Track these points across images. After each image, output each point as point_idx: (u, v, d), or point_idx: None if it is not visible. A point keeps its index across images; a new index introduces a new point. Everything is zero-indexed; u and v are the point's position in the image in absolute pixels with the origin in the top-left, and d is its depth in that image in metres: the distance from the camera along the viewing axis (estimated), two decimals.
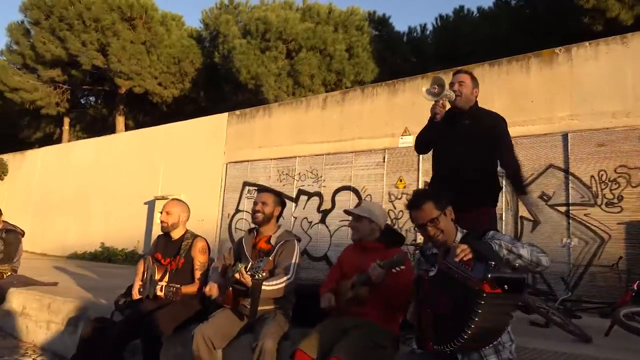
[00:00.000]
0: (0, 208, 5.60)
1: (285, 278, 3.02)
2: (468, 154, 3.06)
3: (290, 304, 3.23)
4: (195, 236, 3.63)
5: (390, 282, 2.58)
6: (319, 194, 9.80)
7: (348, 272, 2.87)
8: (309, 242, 9.67)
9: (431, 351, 2.06)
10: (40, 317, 4.57)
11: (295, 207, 10.06)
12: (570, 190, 6.89)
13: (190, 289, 3.40)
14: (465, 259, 1.91)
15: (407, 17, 56.43)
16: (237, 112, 11.64)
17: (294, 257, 3.14)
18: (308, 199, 9.94)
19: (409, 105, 8.75)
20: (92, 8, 15.85)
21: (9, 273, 5.23)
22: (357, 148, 9.44)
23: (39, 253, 14.42)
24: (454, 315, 1.92)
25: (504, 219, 7.38)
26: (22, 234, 5.52)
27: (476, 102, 3.25)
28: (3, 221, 5.52)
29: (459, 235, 2.29)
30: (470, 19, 15.90)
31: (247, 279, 2.89)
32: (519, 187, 3.24)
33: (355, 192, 9.31)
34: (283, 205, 3.40)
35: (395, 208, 8.70)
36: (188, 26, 19.35)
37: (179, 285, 3.33)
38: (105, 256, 12.37)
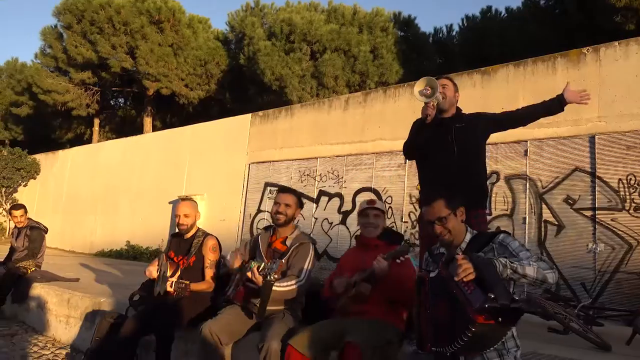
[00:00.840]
0: (25, 206, 5.74)
1: (295, 280, 3.02)
2: (456, 157, 3.09)
3: (300, 305, 3.22)
4: (206, 234, 3.66)
5: (393, 276, 2.57)
6: (339, 195, 9.77)
7: (350, 271, 2.85)
8: (329, 243, 9.65)
9: (430, 352, 2.03)
10: (60, 312, 4.69)
11: (316, 208, 10.06)
12: (596, 194, 6.68)
13: (200, 286, 3.43)
14: (465, 279, 1.88)
15: (433, 18, 55.93)
16: (260, 113, 11.72)
17: (308, 260, 3.13)
18: (329, 200, 9.93)
19: None
20: (122, 12, 16.22)
21: (33, 269, 5.38)
22: (378, 149, 9.38)
23: (67, 250, 14.82)
24: (451, 320, 1.89)
25: (527, 222, 7.21)
26: (46, 231, 5.68)
27: (459, 108, 3.33)
28: (28, 218, 5.69)
29: (469, 236, 2.28)
30: (498, 19, 15.62)
31: (259, 279, 2.90)
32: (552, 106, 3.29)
33: (376, 193, 9.24)
34: (302, 206, 3.41)
35: (416, 210, 8.60)
36: (214, 29, 19.58)
37: (188, 282, 3.36)
38: (131, 254, 12.62)
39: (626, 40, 6.90)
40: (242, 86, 17.33)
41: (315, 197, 10.14)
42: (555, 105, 3.26)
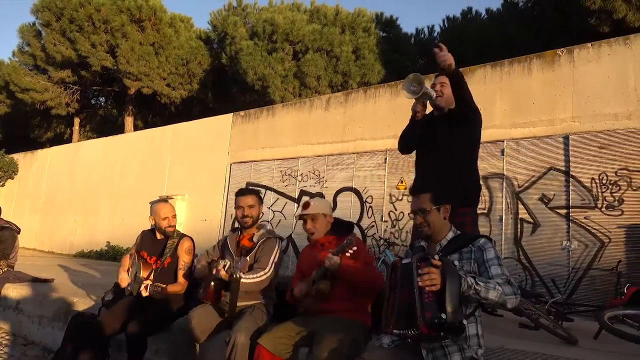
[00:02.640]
0: (0, 207, 5.66)
1: (262, 272, 3.07)
2: (445, 158, 3.09)
3: (271, 300, 3.25)
4: (181, 236, 3.66)
5: (348, 267, 2.60)
6: (320, 195, 9.79)
7: (308, 273, 2.88)
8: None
9: (390, 334, 2.08)
10: (33, 312, 4.63)
11: (297, 207, 10.07)
12: (570, 192, 6.81)
13: (175, 288, 3.43)
14: (427, 289, 1.93)
15: (415, 18, 56.31)
16: (242, 112, 11.70)
17: (274, 254, 3.19)
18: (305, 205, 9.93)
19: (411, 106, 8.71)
20: (102, 10, 16.02)
21: (5, 269, 5.30)
22: (359, 149, 9.43)
23: (46, 251, 14.60)
24: (410, 309, 1.93)
25: (503, 220, 7.32)
26: (18, 231, 5.60)
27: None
28: (0, 218, 5.61)
29: (451, 235, 2.31)
30: (478, 21, 15.81)
31: (225, 277, 2.93)
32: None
33: (357, 193, 9.29)
34: (262, 202, 3.45)
35: (396, 209, 8.67)
36: (197, 28, 19.47)
37: (164, 285, 3.36)
38: (111, 254, 12.49)
39: (598, 42, 7.05)
40: (225, 86, 17.25)
41: (296, 197, 10.15)
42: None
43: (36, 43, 17.95)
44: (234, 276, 2.85)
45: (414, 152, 3.46)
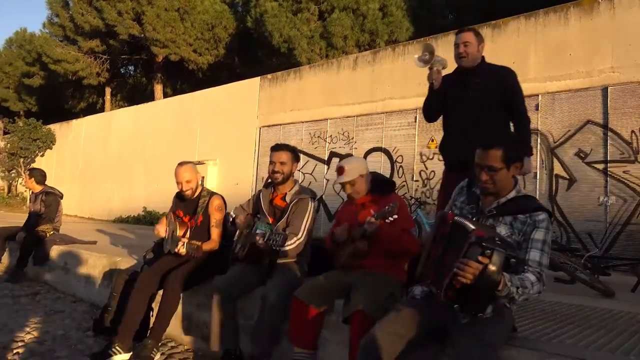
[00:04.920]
0: (38, 171, 5.89)
1: (295, 239, 3.08)
2: (479, 114, 3.02)
3: (305, 259, 3.30)
4: (211, 194, 3.73)
5: (385, 234, 2.61)
6: (350, 155, 9.76)
7: (349, 227, 2.89)
8: (340, 204, 9.71)
9: (427, 287, 2.07)
10: (79, 271, 4.87)
11: (327, 169, 10.10)
12: (608, 146, 6.60)
13: (209, 245, 3.52)
14: (459, 278, 1.79)
15: None
16: (269, 76, 11.65)
17: (306, 216, 3.18)
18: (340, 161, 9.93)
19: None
20: None
21: (52, 232, 5.56)
22: (388, 109, 9.31)
23: (87, 217, 15.17)
24: (442, 271, 1.90)
25: (538, 177, 7.18)
26: (61, 196, 5.83)
27: (483, 57, 3.18)
28: (44, 184, 5.85)
29: (513, 194, 2.10)
30: None
31: (262, 246, 2.98)
32: (525, 147, 3.08)
33: (387, 153, 9.24)
34: (298, 159, 3.42)
35: (426, 168, 8.60)
36: None
37: (200, 243, 3.45)
38: (148, 219, 12.89)
39: None
40: (251, 50, 17.15)
41: (326, 159, 10.17)
42: None
43: (64, 14, 18.15)
44: (273, 247, 2.89)
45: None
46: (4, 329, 3.67)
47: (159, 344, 3.25)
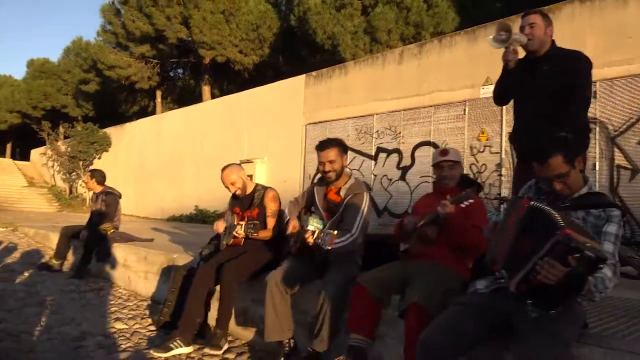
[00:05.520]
0: (97, 171, 6.17)
1: (348, 235, 3.04)
2: (547, 103, 2.89)
3: (359, 252, 3.28)
4: (265, 188, 3.78)
5: (457, 223, 2.55)
6: (398, 151, 9.68)
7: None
8: (389, 200, 9.65)
9: (495, 272, 1.98)
10: (139, 268, 5.06)
11: (375, 164, 10.04)
12: None
13: (264, 234, 3.57)
14: (540, 277, 1.71)
15: None
16: (314, 73, 11.69)
17: (361, 211, 3.13)
18: (387, 157, 9.87)
19: (491, 53, 8.23)
20: None
21: (112, 230, 5.81)
22: (436, 101, 9.14)
23: (142, 217, 15.75)
24: (529, 257, 1.79)
25: (597, 168, 6.85)
26: (120, 195, 6.08)
27: (553, 42, 3.02)
28: (104, 185, 6.12)
29: (585, 190, 2.05)
30: None
31: (312, 244, 2.98)
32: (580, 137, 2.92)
33: (435, 147, 9.07)
34: (346, 151, 3.35)
35: (477, 162, 8.39)
36: None
37: (257, 222, 3.50)
38: (200, 218, 13.25)
39: None
40: (295, 48, 17.28)
41: (373, 154, 10.11)
42: None
43: (116, 21, 18.89)
44: (323, 247, 2.88)
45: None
46: (72, 323, 3.86)
47: (227, 333, 3.35)
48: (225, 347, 3.33)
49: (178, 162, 15.46)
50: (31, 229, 8.70)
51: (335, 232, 2.99)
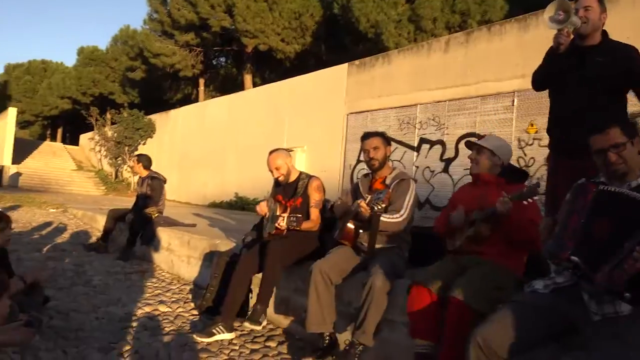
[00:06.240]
0: (143, 156, 6.30)
1: (397, 215, 3.02)
2: (595, 95, 2.71)
3: (407, 244, 3.21)
4: (310, 176, 3.74)
5: (516, 217, 2.41)
6: (441, 142, 9.46)
7: (465, 210, 2.73)
8: (431, 192, 9.46)
9: (566, 260, 1.85)
10: (182, 252, 5.13)
11: (417, 156, 9.85)
12: None
13: (307, 224, 3.53)
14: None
15: None
16: (357, 62, 11.54)
17: (409, 196, 3.11)
18: (430, 148, 9.66)
19: (543, 41, 7.88)
20: None
21: (157, 214, 5.92)
22: (482, 92, 8.85)
23: (183, 202, 16.09)
24: (609, 240, 1.71)
25: None
26: (165, 180, 6.19)
27: (605, 33, 2.83)
28: (150, 170, 6.24)
29: None
30: None
31: (366, 210, 2.93)
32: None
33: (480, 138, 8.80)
34: (390, 143, 3.36)
35: (525, 155, 8.09)
36: None
37: (300, 215, 3.47)
38: (239, 205, 13.40)
39: None
40: (337, 37, 17.13)
41: (415, 145, 9.91)
42: None
43: (162, 9, 19.22)
44: (375, 208, 2.81)
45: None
46: (118, 303, 3.95)
47: (266, 309, 3.36)
48: (264, 323, 3.35)
49: (220, 149, 15.66)
50: (79, 211, 9.01)
51: (390, 190, 2.94)
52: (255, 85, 19.64)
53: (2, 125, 19.19)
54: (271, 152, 3.82)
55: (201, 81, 22.12)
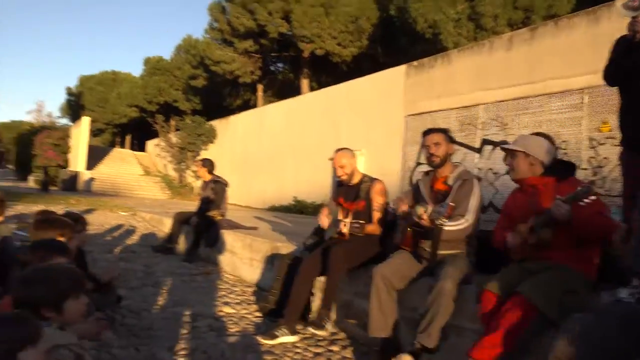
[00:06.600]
0: (206, 160, 6.49)
1: (463, 220, 2.91)
2: None
3: (473, 249, 3.10)
4: (373, 179, 3.70)
5: (581, 216, 2.28)
6: (505, 143, 9.09)
7: (518, 217, 2.60)
8: (495, 195, 9.14)
9: None
10: (244, 255, 5.24)
11: (480, 157, 9.56)
12: None
13: (371, 227, 3.50)
14: None
15: None
16: (415, 63, 11.38)
17: (474, 198, 2.98)
18: (493, 149, 9.34)
19: (615, 34, 7.43)
20: None
21: (219, 217, 6.08)
22: (549, 90, 8.45)
23: (243, 206, 16.46)
24: None
25: None
26: (227, 184, 6.35)
27: None
28: (213, 174, 6.43)
29: None
30: None
31: (426, 222, 2.86)
32: None
33: (548, 139, 8.39)
34: (452, 141, 3.24)
35: (598, 155, 7.64)
36: None
37: (363, 221, 3.45)
38: (298, 208, 13.54)
39: None
40: (394, 38, 16.98)
41: (477, 147, 9.62)
42: None
43: (222, 18, 19.81)
44: (437, 222, 2.74)
45: None
46: (185, 304, 4.08)
47: (330, 313, 3.37)
48: (329, 327, 3.35)
49: (278, 154, 15.91)
50: (148, 214, 9.43)
51: (452, 203, 2.84)
52: (312, 89, 19.81)
53: (77, 133, 20.45)
54: (338, 150, 3.82)
55: (259, 87, 22.60)
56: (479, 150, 9.56)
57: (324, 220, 3.66)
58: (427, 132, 3.25)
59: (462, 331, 2.71)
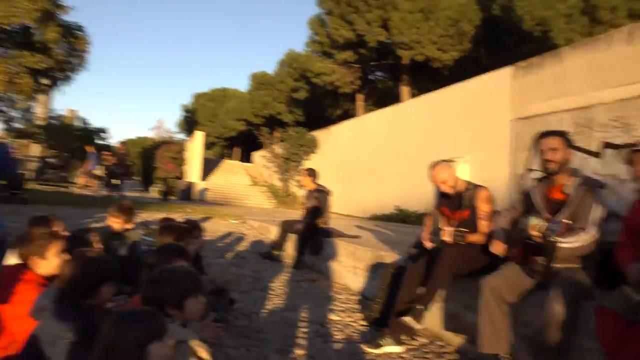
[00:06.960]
0: (309, 170, 6.68)
1: (583, 234, 2.68)
2: None
3: (593, 263, 2.86)
4: (477, 186, 3.59)
5: None
6: (630, 147, 8.28)
7: None
8: (616, 202, 8.34)
9: None
10: (348, 263, 5.31)
11: (599, 163, 8.77)
12: None
13: (474, 237, 3.39)
14: None
15: None
16: (522, 63, 10.79)
17: (596, 210, 2.74)
18: (615, 153, 8.53)
19: None
20: None
21: (323, 226, 6.23)
22: None
23: (345, 214, 16.64)
24: None
25: None
26: (329, 193, 6.49)
27: None
28: (317, 183, 6.61)
29: None
30: None
31: (538, 238, 2.70)
32: None
33: None
34: (572, 146, 2.97)
35: None
36: None
37: (466, 230, 3.36)
38: (400, 217, 13.40)
39: None
40: (498, 39, 16.27)
41: (596, 151, 8.84)
42: None
43: (322, 31, 20.34)
44: (549, 240, 2.57)
45: None
46: (292, 309, 4.24)
47: (424, 312, 3.31)
48: (418, 326, 3.32)
49: (379, 162, 15.90)
50: (256, 222, 9.92)
51: (568, 220, 2.63)
52: (413, 96, 19.57)
53: (192, 147, 22.09)
54: (433, 167, 3.69)
55: (359, 96, 22.80)
56: (598, 155, 8.79)
57: (426, 239, 3.61)
58: (542, 136, 3.03)
59: (583, 351, 2.53)
